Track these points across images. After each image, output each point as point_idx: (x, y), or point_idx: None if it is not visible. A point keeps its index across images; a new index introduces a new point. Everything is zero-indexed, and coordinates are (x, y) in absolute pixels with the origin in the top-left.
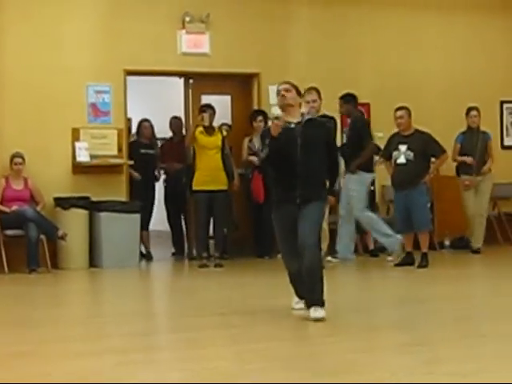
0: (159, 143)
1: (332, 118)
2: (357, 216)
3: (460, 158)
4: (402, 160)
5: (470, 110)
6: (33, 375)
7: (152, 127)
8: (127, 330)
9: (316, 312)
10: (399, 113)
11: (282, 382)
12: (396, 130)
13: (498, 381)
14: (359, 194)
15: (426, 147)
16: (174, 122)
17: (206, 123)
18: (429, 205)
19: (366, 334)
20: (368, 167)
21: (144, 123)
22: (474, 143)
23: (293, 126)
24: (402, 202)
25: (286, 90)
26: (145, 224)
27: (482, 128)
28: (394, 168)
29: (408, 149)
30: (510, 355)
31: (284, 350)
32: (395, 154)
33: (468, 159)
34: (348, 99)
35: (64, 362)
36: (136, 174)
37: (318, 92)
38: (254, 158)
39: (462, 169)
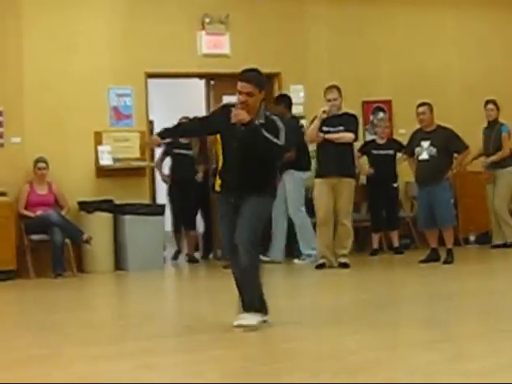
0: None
1: (353, 116)
2: (291, 215)
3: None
4: (424, 156)
5: (486, 103)
6: (53, 378)
7: None
8: (150, 333)
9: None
10: (421, 109)
11: (307, 382)
12: (418, 126)
13: None
14: (294, 193)
15: (448, 143)
16: None
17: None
18: (452, 200)
19: (390, 331)
20: (302, 166)
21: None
22: (489, 136)
23: None
24: (425, 198)
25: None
26: (189, 224)
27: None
28: (417, 164)
29: (431, 145)
30: None
31: (308, 349)
32: (418, 150)
33: (484, 161)
34: (280, 100)
35: (83, 365)
36: (166, 179)
37: (339, 90)
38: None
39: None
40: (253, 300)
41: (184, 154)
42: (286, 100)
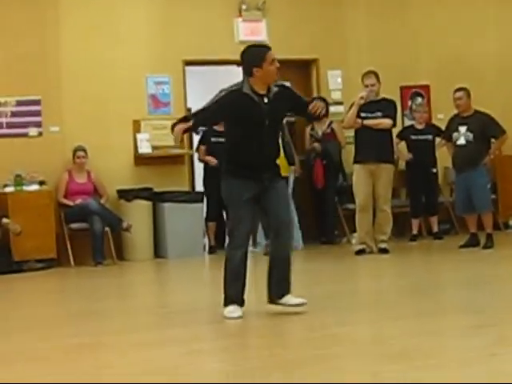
0: None
1: (392, 101)
2: None
3: None
4: (461, 141)
5: None
6: (100, 366)
7: None
8: (193, 320)
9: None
10: (458, 94)
11: (350, 370)
12: (456, 111)
13: None
14: None
15: (485, 128)
16: None
17: None
18: (489, 186)
19: (432, 317)
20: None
21: None
22: None
23: None
24: (462, 183)
25: None
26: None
27: None
28: (454, 149)
29: (467, 130)
30: None
31: (350, 335)
32: (455, 135)
33: None
34: None
35: (127, 352)
36: (211, 159)
37: (377, 75)
38: (316, 145)
39: None
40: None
41: (221, 142)
42: None
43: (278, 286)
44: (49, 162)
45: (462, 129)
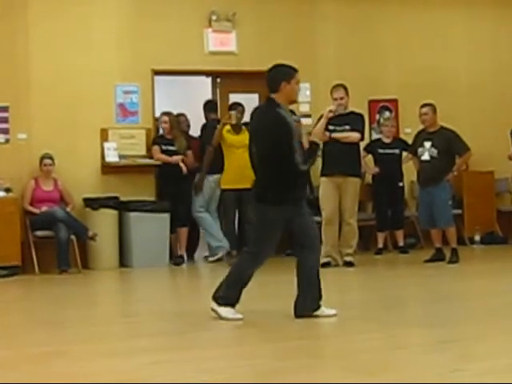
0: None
1: (360, 115)
2: (193, 216)
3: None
4: (426, 157)
5: None
6: (64, 376)
7: (172, 121)
8: (158, 330)
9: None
10: (424, 109)
11: (314, 382)
12: (422, 126)
13: None
14: (197, 195)
15: (449, 145)
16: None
17: (233, 121)
18: (450, 202)
19: (397, 332)
20: (211, 169)
21: (163, 117)
22: None
23: None
24: (425, 198)
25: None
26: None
27: None
28: (419, 164)
29: (432, 146)
30: None
31: (316, 348)
32: (420, 150)
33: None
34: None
35: (95, 362)
36: (183, 166)
37: (346, 89)
38: None
39: None
40: None
41: (170, 151)
42: (210, 105)
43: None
44: (15, 169)
45: (427, 144)
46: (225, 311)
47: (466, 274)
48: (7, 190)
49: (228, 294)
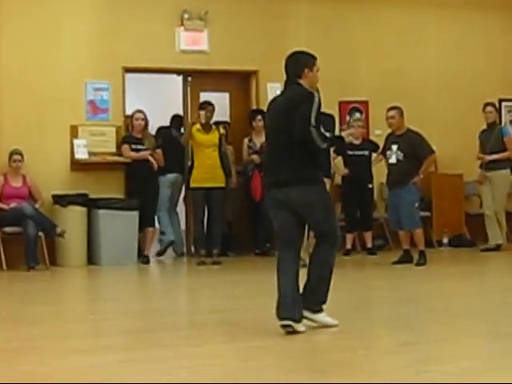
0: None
1: (331, 116)
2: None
3: (477, 155)
4: (393, 160)
5: (485, 105)
6: (29, 372)
7: (145, 120)
8: (126, 328)
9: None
10: (390, 113)
11: (277, 383)
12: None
13: (496, 380)
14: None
15: (414, 148)
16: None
17: (203, 121)
18: (417, 204)
19: (364, 333)
20: (168, 169)
21: (138, 114)
22: (488, 138)
23: None
24: (393, 200)
25: None
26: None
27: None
28: (387, 167)
29: (398, 149)
30: (510, 353)
31: (280, 348)
32: (388, 153)
33: (480, 156)
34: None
35: (62, 360)
36: (154, 162)
37: (317, 90)
38: (255, 157)
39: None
40: None
41: (139, 149)
42: (177, 120)
43: None
44: None
45: (394, 147)
46: (326, 316)
47: (433, 276)
48: None
49: (327, 294)
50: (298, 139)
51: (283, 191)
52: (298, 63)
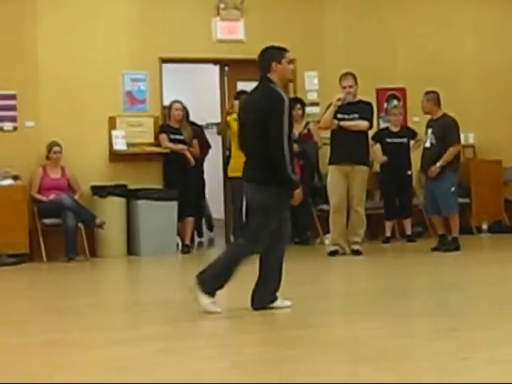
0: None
1: (369, 104)
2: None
3: None
4: (427, 144)
5: None
6: (71, 362)
7: (184, 110)
8: (165, 318)
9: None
10: (423, 97)
11: (318, 371)
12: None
13: None
14: None
15: (445, 132)
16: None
17: (237, 110)
18: (453, 189)
19: (404, 320)
20: None
21: (176, 104)
22: None
23: None
24: (429, 186)
25: None
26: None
27: None
28: (422, 152)
29: (432, 133)
30: None
31: (323, 336)
32: (425, 137)
33: None
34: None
35: (102, 350)
36: (191, 158)
37: (355, 77)
38: (294, 146)
39: None
40: None
41: (175, 139)
42: None
43: None
44: (23, 157)
45: (429, 131)
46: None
47: (473, 263)
48: (15, 178)
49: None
50: (271, 154)
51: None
52: (266, 58)
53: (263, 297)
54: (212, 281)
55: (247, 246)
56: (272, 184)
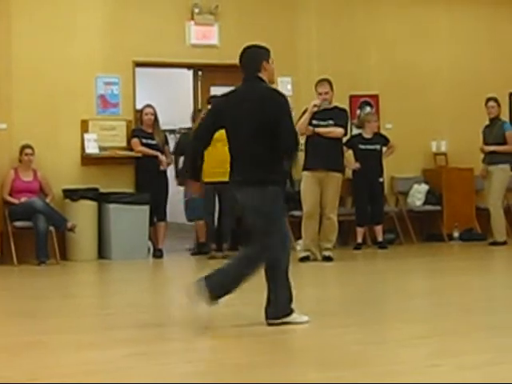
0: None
1: (344, 110)
2: None
3: (482, 147)
4: None
5: (487, 100)
6: (40, 366)
7: (154, 115)
8: (135, 322)
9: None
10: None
11: (288, 377)
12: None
13: (507, 373)
14: None
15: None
16: None
17: None
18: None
19: (375, 326)
20: None
21: (147, 109)
22: (490, 133)
23: None
24: None
25: None
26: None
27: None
28: None
29: None
30: None
31: (291, 343)
32: None
33: (484, 147)
34: None
35: (72, 354)
36: (164, 161)
37: (330, 83)
38: None
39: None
40: None
41: (150, 144)
42: None
43: None
44: None
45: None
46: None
47: (443, 271)
48: None
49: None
50: (284, 151)
51: None
52: (256, 57)
53: (277, 308)
54: (219, 288)
55: (259, 253)
56: (271, 183)
